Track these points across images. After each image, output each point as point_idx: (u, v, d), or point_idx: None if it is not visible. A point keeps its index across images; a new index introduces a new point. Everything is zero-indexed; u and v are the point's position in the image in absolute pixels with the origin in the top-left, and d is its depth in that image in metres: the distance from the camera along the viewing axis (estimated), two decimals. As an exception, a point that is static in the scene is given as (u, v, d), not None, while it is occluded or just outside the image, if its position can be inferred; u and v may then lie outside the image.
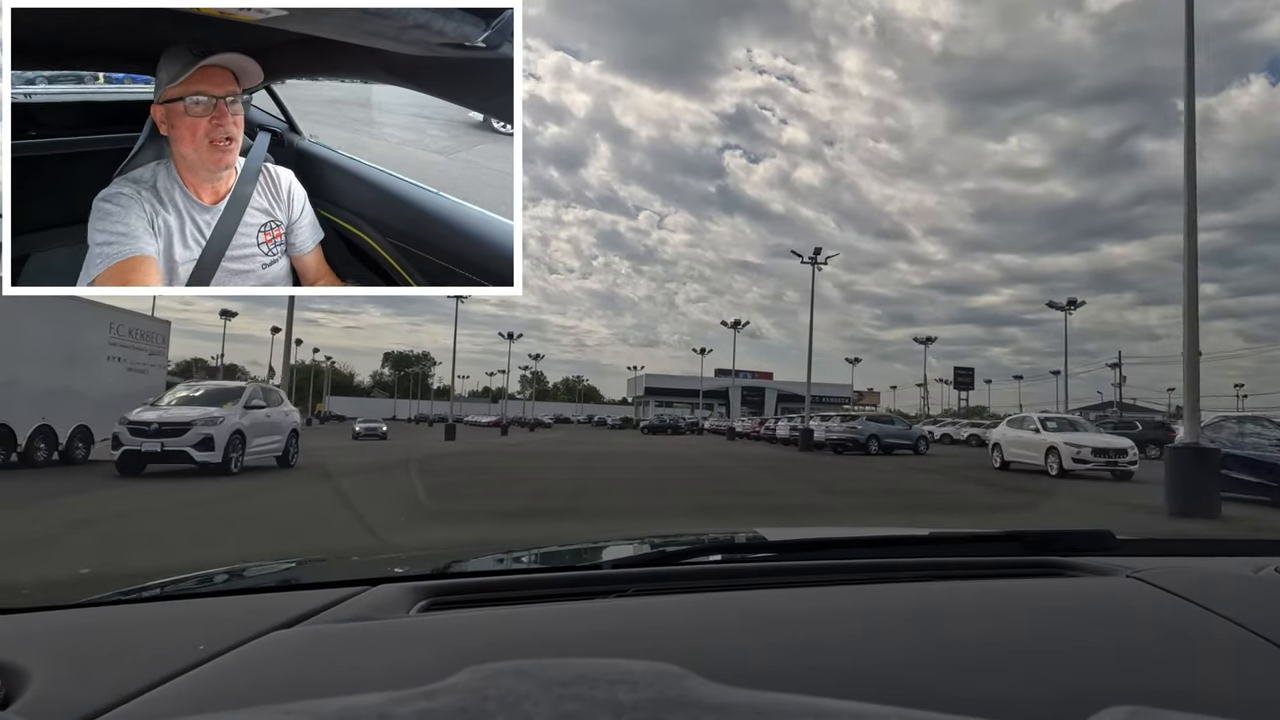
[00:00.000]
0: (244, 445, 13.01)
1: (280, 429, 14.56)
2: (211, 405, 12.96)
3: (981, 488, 14.24)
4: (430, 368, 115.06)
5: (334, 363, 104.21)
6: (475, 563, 1.27)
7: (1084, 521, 9.34)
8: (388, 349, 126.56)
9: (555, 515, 8.84)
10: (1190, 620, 0.80)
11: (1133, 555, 1.13)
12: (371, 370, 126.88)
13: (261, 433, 13.72)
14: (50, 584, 1.63)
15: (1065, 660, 0.71)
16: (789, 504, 11.10)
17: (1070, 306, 44.01)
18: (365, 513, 8.37)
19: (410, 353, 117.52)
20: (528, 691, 0.35)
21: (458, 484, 13.33)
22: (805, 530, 1.59)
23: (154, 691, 0.64)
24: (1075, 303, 44.44)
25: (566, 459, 21.18)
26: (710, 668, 0.44)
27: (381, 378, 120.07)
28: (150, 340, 16.96)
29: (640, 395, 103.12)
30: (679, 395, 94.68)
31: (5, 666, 0.68)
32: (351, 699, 0.34)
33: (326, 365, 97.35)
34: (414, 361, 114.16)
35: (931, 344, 68.38)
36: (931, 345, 72.67)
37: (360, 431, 37.44)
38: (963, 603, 0.90)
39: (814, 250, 35.17)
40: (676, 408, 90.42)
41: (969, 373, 79.86)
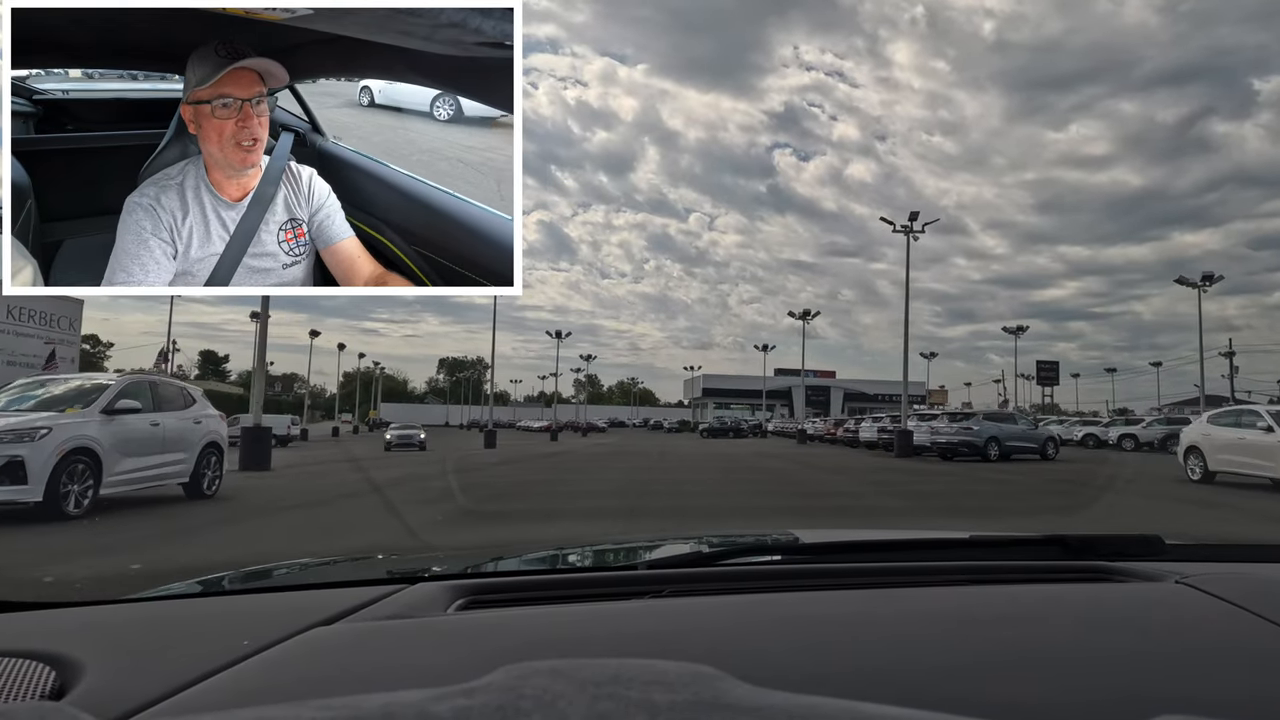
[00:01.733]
0: (98, 471, 8.18)
1: (185, 443, 9.66)
2: (47, 410, 8.32)
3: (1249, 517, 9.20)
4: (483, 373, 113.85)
5: (384, 369, 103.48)
6: (512, 562, 1.30)
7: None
8: (444, 355, 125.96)
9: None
10: (1242, 627, 0.79)
11: (1181, 560, 1.11)
12: (427, 377, 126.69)
13: (144, 449, 8.98)
14: (103, 579, 1.54)
15: (1112, 667, 0.69)
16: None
17: (1205, 283, 37.25)
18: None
19: (464, 358, 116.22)
20: (563, 691, 0.35)
21: (473, 512, 9.35)
22: (842, 532, 1.61)
23: (201, 685, 0.66)
24: (1211, 278, 37.33)
25: (618, 469, 17.78)
26: (746, 670, 0.44)
27: (436, 384, 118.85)
28: (50, 325, 12.81)
29: (698, 397, 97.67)
30: (738, 396, 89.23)
31: (61, 659, 0.71)
32: (391, 695, 0.35)
33: (378, 372, 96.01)
34: (468, 367, 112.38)
35: (1023, 333, 61.23)
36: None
37: (393, 440, 31.75)
38: (1005, 608, 0.89)
39: (909, 215, 28.25)
40: (735, 409, 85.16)
41: (1053, 366, 70.64)
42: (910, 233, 28.14)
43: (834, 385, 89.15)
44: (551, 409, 71.56)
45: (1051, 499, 11.99)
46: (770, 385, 78.25)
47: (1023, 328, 58.57)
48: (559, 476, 15.77)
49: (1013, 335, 57.97)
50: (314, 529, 8.08)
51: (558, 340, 61.41)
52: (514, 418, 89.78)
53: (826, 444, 38.67)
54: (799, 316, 50.74)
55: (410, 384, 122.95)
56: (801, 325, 50.15)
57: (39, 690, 0.67)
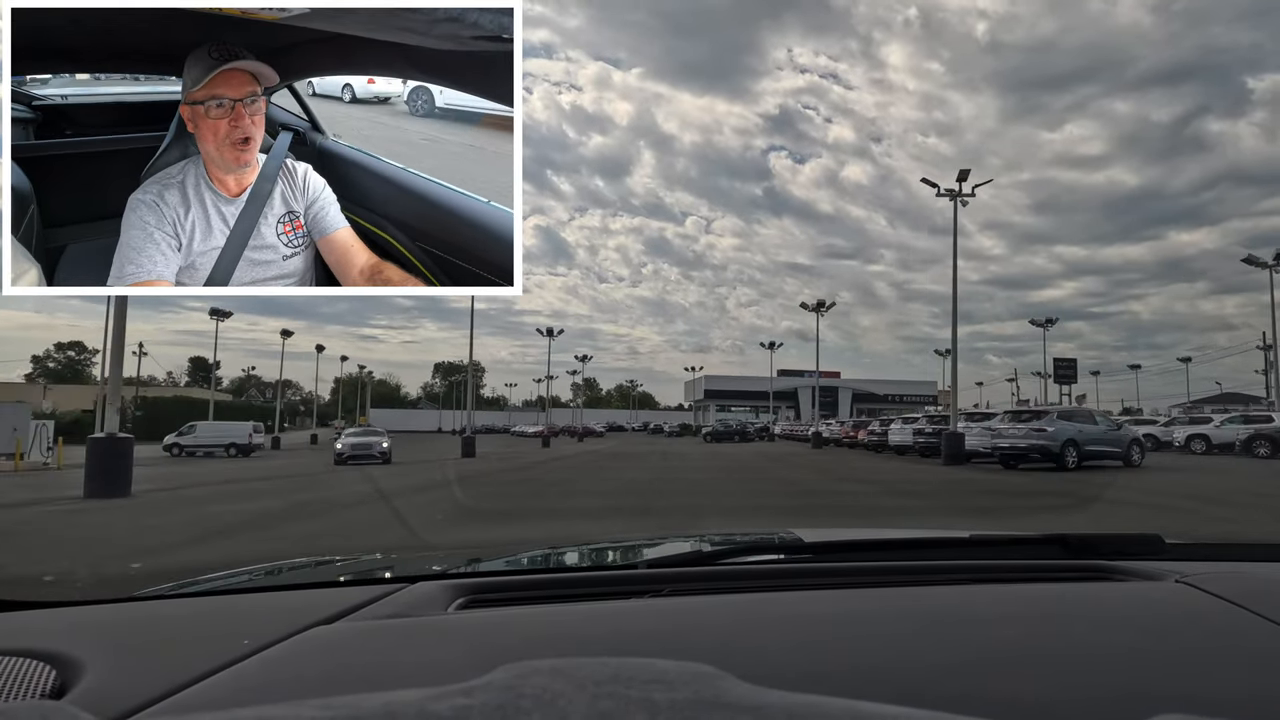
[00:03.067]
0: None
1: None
2: None
3: None
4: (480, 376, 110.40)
5: (371, 374, 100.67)
6: (512, 561, 1.29)
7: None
8: (440, 360, 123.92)
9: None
10: (1242, 627, 0.78)
11: (1182, 559, 1.10)
12: (423, 382, 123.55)
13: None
14: (103, 579, 1.52)
15: (1112, 666, 0.69)
16: None
17: (1278, 261, 32.87)
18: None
19: (459, 363, 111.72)
20: (563, 690, 0.35)
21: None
22: (842, 531, 1.59)
23: (201, 684, 0.65)
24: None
25: (615, 480, 15.56)
26: (746, 669, 0.44)
27: (432, 389, 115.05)
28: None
29: (700, 399, 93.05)
30: (741, 398, 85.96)
31: (61, 657, 0.71)
32: (391, 695, 0.35)
33: (367, 377, 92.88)
34: (461, 370, 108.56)
35: (1051, 326, 56.89)
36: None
37: (345, 451, 24.78)
38: (1005, 606, 0.89)
39: (958, 175, 23.35)
40: (736, 411, 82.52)
41: (1070, 364, 65.15)
42: (958, 197, 23.54)
43: (842, 385, 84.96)
44: (546, 413, 67.40)
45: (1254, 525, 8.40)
46: (775, 386, 74.42)
47: (1052, 320, 54.88)
48: (542, 490, 13.61)
49: (1041, 327, 53.68)
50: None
51: (549, 338, 57.30)
52: (509, 422, 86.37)
53: (844, 448, 34.64)
54: (812, 308, 46.65)
55: (404, 389, 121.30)
56: (815, 319, 46.23)
57: (39, 689, 0.67)
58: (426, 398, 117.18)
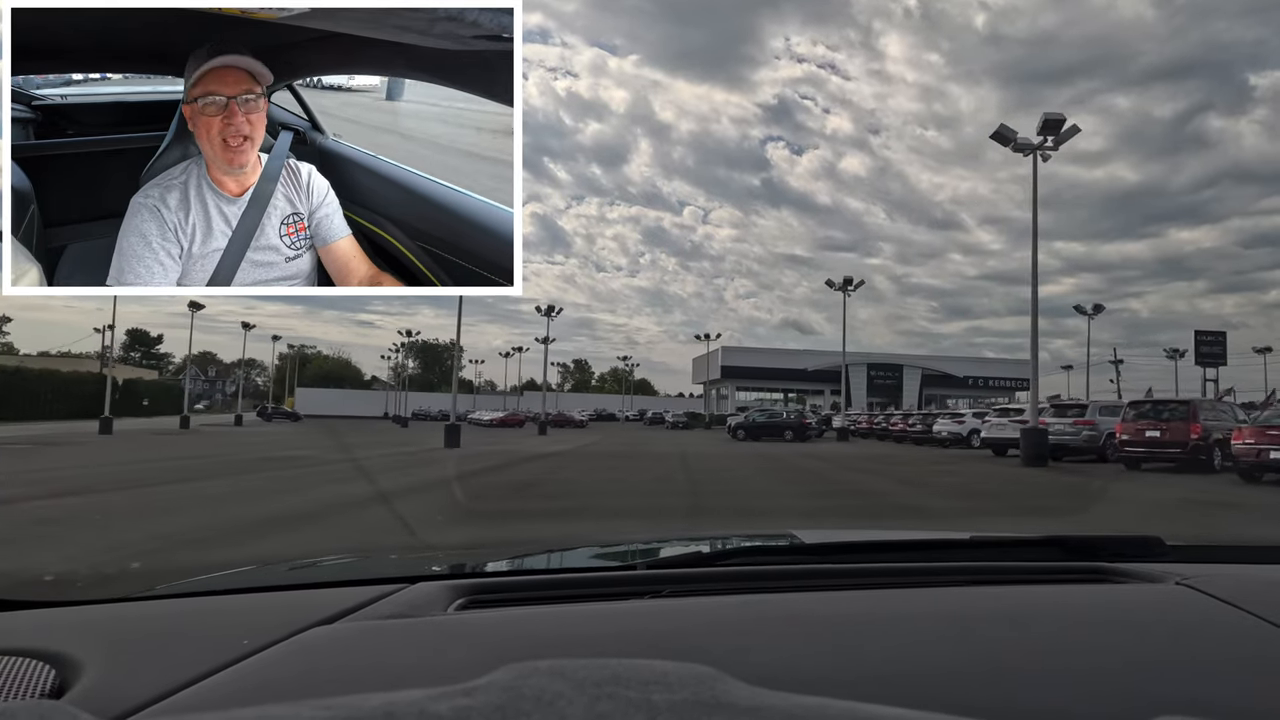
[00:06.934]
0: None
1: None
2: None
3: None
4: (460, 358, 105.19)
5: (304, 349, 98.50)
6: (512, 562, 1.28)
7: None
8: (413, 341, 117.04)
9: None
10: (1242, 628, 0.78)
11: (1182, 561, 1.10)
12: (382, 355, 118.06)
13: None
14: (103, 579, 1.48)
15: (1113, 668, 0.69)
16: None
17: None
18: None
19: (437, 343, 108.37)
20: (563, 691, 0.35)
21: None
22: (842, 533, 1.58)
23: (201, 684, 0.65)
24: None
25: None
26: (745, 670, 0.44)
27: (403, 370, 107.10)
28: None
29: (715, 378, 72.06)
30: (769, 377, 69.42)
31: (60, 657, 0.71)
32: (391, 695, 0.35)
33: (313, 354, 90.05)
34: (443, 351, 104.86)
35: (1098, 314, 49.26)
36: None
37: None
38: (1005, 608, 0.88)
39: (1041, 125, 19.96)
40: (756, 396, 67.80)
41: (1219, 338, 43.93)
42: (1040, 150, 19.92)
43: (909, 364, 68.76)
44: (518, 397, 60.49)
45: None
46: (820, 363, 62.98)
47: (1100, 307, 48.98)
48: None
49: (1087, 315, 47.88)
50: None
51: (548, 317, 49.31)
52: (474, 406, 72.32)
53: (987, 457, 22.87)
54: (839, 287, 42.84)
55: (361, 368, 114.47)
56: (842, 297, 42.26)
57: (39, 689, 0.67)
58: (395, 377, 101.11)
